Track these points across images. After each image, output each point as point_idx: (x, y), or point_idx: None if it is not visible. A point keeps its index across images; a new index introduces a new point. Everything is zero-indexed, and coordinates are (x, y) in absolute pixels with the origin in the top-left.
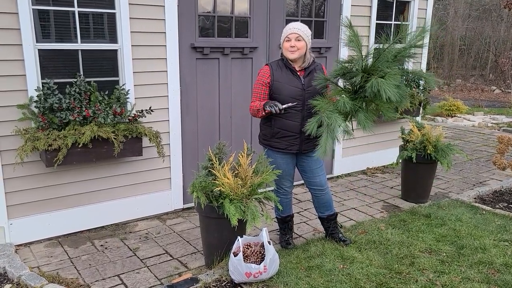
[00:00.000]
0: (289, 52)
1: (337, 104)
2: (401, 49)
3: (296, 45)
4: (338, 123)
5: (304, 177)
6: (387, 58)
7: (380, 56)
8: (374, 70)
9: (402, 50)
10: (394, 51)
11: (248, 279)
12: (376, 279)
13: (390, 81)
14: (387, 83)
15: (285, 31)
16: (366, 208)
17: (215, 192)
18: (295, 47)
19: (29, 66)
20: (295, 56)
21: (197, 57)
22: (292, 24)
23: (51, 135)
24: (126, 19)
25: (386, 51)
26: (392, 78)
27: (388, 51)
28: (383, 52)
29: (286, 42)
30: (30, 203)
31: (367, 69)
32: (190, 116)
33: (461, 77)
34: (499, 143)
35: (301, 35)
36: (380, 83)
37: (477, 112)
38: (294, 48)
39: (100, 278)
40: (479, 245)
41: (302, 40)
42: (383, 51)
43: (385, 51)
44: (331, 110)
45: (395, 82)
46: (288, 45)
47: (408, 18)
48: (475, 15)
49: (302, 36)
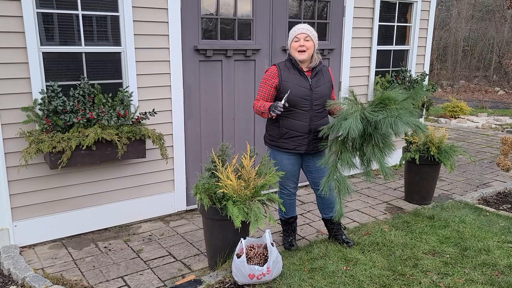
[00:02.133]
0: (299, 53)
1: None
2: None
3: (305, 45)
4: (349, 190)
5: (309, 177)
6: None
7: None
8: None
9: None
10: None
11: (252, 280)
12: (380, 280)
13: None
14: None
15: (293, 31)
16: (369, 209)
17: (218, 194)
18: (304, 46)
19: (34, 69)
20: (305, 56)
21: (200, 59)
22: (300, 25)
23: (55, 137)
24: (130, 22)
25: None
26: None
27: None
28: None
29: (295, 42)
30: (34, 205)
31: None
32: (193, 118)
33: (464, 78)
34: (503, 145)
35: (309, 35)
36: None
37: (481, 113)
38: (303, 47)
39: (104, 279)
40: (483, 246)
41: (310, 41)
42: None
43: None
44: (337, 172)
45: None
46: (297, 45)
47: (411, 20)
48: (479, 16)
49: (311, 37)
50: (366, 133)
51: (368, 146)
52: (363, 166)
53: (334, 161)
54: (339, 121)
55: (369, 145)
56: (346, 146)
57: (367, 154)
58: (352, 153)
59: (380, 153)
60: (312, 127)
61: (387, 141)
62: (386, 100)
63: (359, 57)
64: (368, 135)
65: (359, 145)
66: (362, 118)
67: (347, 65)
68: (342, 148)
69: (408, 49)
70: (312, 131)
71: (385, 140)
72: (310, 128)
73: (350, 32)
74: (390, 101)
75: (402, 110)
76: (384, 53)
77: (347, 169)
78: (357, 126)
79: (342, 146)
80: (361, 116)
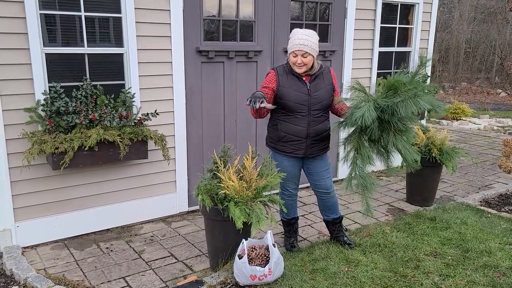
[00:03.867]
0: (296, 67)
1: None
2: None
3: (303, 61)
4: (375, 185)
5: (310, 179)
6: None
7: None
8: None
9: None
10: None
11: (253, 281)
12: (381, 282)
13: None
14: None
15: (291, 43)
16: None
17: (220, 194)
18: (302, 63)
19: (36, 70)
20: (303, 70)
21: (202, 60)
22: (299, 35)
23: (57, 138)
24: (132, 23)
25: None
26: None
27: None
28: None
29: (293, 57)
30: (36, 205)
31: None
32: (195, 119)
33: (466, 80)
34: (505, 146)
35: (307, 52)
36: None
37: (483, 115)
38: (301, 64)
39: (105, 280)
40: (485, 248)
41: (309, 56)
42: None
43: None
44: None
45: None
46: (294, 60)
47: (412, 22)
48: (480, 18)
49: (309, 52)
50: (384, 122)
51: (389, 135)
52: (383, 159)
53: (354, 158)
54: (352, 112)
55: (389, 133)
56: (363, 140)
57: (389, 143)
58: (371, 147)
59: (402, 139)
60: (310, 131)
61: (408, 125)
62: (395, 84)
63: (361, 58)
64: (387, 123)
65: (377, 134)
66: (375, 107)
67: (348, 66)
68: (359, 143)
69: (409, 50)
70: (310, 136)
71: (405, 124)
72: (308, 133)
73: (352, 34)
74: (399, 85)
75: (416, 89)
76: (386, 55)
77: (367, 165)
78: (371, 114)
79: (359, 140)
80: (374, 106)
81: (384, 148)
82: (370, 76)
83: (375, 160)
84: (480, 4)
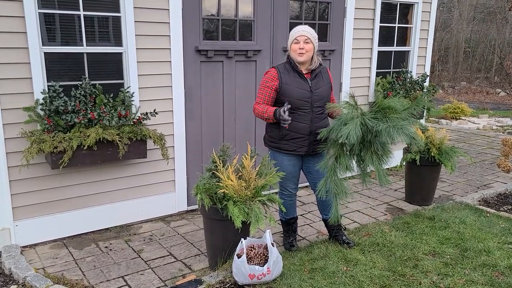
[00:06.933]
0: (298, 55)
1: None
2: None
3: (304, 47)
4: (346, 192)
5: (309, 178)
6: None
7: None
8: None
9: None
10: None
11: (252, 281)
12: (380, 281)
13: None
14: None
15: (293, 33)
16: (370, 210)
17: (219, 194)
18: (303, 49)
19: (35, 69)
20: (304, 58)
21: (201, 60)
22: (300, 27)
23: (56, 137)
24: (131, 22)
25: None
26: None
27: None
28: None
29: (295, 44)
30: (35, 204)
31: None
32: (194, 119)
33: (465, 80)
34: (504, 146)
35: (309, 38)
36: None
37: (482, 115)
38: (303, 50)
39: (104, 279)
40: (483, 247)
41: (310, 43)
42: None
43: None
44: (335, 175)
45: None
46: (296, 47)
47: (412, 21)
48: (480, 17)
49: (311, 39)
50: (365, 140)
51: (367, 153)
52: (361, 171)
53: (333, 165)
54: (339, 126)
55: (368, 151)
56: (344, 150)
57: (366, 161)
58: (350, 158)
59: (378, 160)
60: (313, 128)
61: (386, 148)
62: (386, 108)
63: (360, 58)
64: (368, 142)
65: (357, 150)
66: (362, 124)
67: (348, 66)
68: (340, 152)
69: (409, 50)
70: (313, 133)
71: (384, 148)
72: (311, 129)
73: (351, 33)
74: (390, 110)
75: (404, 121)
76: (385, 54)
77: (344, 173)
78: (356, 133)
79: (341, 150)
80: (361, 123)
81: (363, 161)
82: (369, 75)
83: (353, 168)
84: (479, 3)
